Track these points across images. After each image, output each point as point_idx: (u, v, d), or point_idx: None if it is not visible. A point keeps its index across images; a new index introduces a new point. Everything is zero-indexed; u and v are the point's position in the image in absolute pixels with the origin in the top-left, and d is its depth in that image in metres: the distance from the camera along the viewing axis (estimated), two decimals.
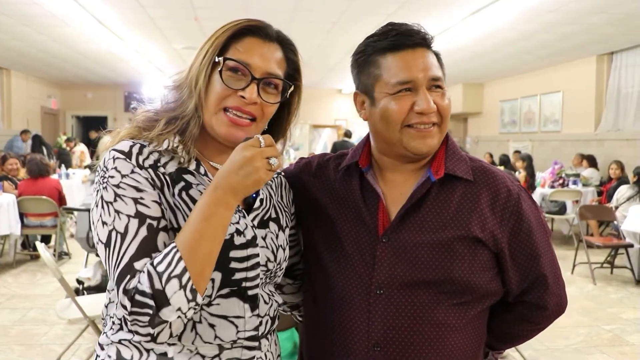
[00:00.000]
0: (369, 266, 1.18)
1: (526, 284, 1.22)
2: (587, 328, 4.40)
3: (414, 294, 1.15)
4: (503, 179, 1.22)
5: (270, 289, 1.19)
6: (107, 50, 9.65)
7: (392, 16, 6.99)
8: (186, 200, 1.06)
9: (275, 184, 1.28)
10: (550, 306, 1.25)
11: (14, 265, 6.21)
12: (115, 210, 0.99)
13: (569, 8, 6.53)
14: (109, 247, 0.97)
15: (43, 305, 4.76)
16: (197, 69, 1.09)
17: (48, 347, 3.87)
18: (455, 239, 1.16)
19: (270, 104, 1.12)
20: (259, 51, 1.11)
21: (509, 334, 1.31)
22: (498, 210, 1.19)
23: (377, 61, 1.19)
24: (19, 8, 6.84)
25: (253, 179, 0.97)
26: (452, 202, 1.19)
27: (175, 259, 0.93)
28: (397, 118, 1.16)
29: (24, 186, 6.28)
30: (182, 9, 6.72)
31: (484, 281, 1.18)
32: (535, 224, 1.22)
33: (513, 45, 8.90)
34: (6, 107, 12.02)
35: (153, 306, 0.91)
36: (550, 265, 1.23)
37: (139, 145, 1.06)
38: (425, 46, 1.19)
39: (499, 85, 13.24)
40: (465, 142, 15.49)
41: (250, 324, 1.09)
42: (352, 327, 1.18)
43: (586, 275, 5.95)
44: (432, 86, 1.17)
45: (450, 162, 1.22)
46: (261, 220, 1.16)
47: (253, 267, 1.09)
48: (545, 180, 8.22)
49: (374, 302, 1.16)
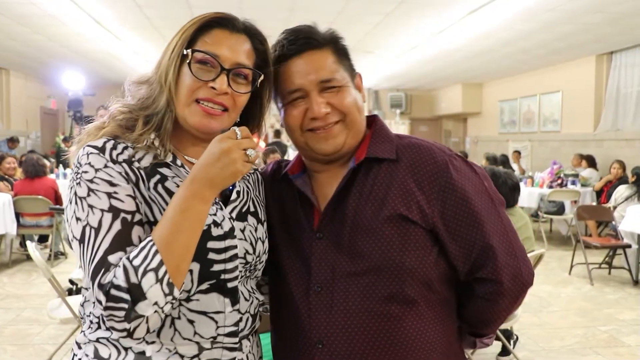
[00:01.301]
0: (307, 265, 1.19)
1: (472, 258, 1.15)
2: (583, 329, 4.37)
3: (352, 287, 1.13)
4: (429, 150, 1.18)
5: (251, 286, 1.19)
6: (104, 50, 9.64)
7: (389, 16, 6.97)
8: (162, 193, 1.06)
9: (253, 179, 1.28)
10: (505, 279, 1.14)
11: (9, 265, 6.20)
12: (88, 205, 0.98)
13: (566, 7, 6.50)
14: (83, 243, 0.97)
15: (37, 305, 4.75)
16: (166, 64, 1.10)
17: (41, 347, 3.86)
18: (384, 221, 1.13)
19: (241, 94, 1.12)
20: (227, 42, 1.11)
21: (477, 317, 1.23)
22: (425, 184, 1.14)
23: (277, 72, 1.21)
24: (15, 8, 6.83)
25: (230, 170, 0.97)
26: (377, 184, 1.17)
27: (152, 252, 0.93)
28: (294, 124, 1.20)
29: (20, 186, 6.28)
30: (179, 9, 6.72)
31: (423, 263, 1.13)
32: (472, 191, 1.15)
33: (511, 45, 8.88)
34: (5, 107, 12.02)
35: (129, 300, 0.91)
36: (497, 234, 1.15)
37: (113, 141, 1.06)
38: (312, 47, 1.19)
39: (498, 85, 13.22)
40: (465, 142, 15.47)
41: (230, 319, 1.09)
42: (296, 326, 1.19)
43: (584, 275, 5.93)
44: (324, 88, 1.18)
45: (373, 146, 1.20)
46: (239, 212, 1.16)
47: (231, 258, 1.09)
48: (543, 180, 8.19)
49: (313, 299, 1.16)
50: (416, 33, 8.14)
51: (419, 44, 8.90)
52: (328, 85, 1.17)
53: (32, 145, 12.61)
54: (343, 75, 1.20)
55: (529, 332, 4.22)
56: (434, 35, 8.23)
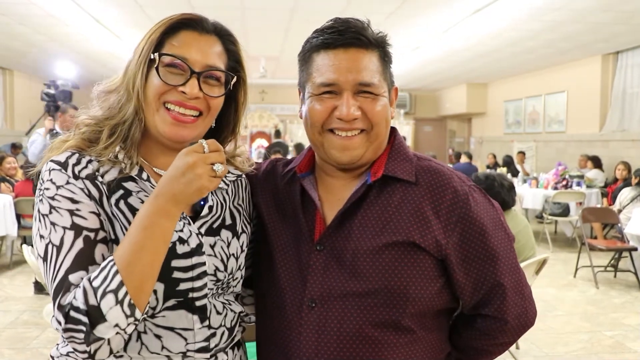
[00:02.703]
0: (303, 276, 1.11)
1: (481, 294, 1.12)
2: (588, 334, 4.31)
3: (347, 307, 1.07)
4: (450, 178, 1.12)
5: (226, 299, 1.13)
6: (106, 50, 9.63)
7: (392, 15, 6.92)
8: (123, 210, 1.01)
9: (234, 187, 1.21)
10: (511, 319, 1.13)
11: (10, 267, 6.18)
12: (51, 223, 0.95)
13: (573, 7, 6.43)
14: (46, 261, 0.94)
15: (37, 308, 4.71)
16: (133, 70, 1.05)
17: (38, 351, 3.82)
18: (392, 245, 1.07)
19: (214, 97, 1.07)
20: (196, 44, 1.06)
21: (473, 348, 1.20)
22: (443, 213, 1.09)
23: (311, 58, 1.13)
24: (17, 8, 6.81)
25: (195, 186, 0.92)
26: (391, 205, 1.10)
27: (112, 273, 0.88)
28: (317, 120, 1.11)
29: (20, 187, 6.26)
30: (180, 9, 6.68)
31: (427, 293, 1.08)
32: (490, 226, 1.11)
33: (516, 45, 8.81)
34: (9, 107, 12.02)
35: (87, 323, 0.87)
36: (509, 272, 1.12)
37: (77, 155, 1.02)
38: (361, 46, 1.10)
39: (503, 85, 13.14)
40: (470, 143, 15.40)
41: (201, 335, 1.05)
42: (287, 341, 1.12)
43: (589, 278, 5.85)
44: (360, 91, 1.09)
45: (391, 163, 1.14)
46: (210, 227, 1.10)
47: (199, 276, 1.04)
48: (548, 181, 8.12)
49: (306, 315, 1.09)
50: (420, 33, 8.09)
51: (423, 43, 8.84)
52: (365, 89, 1.09)
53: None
54: (382, 84, 1.12)
55: (533, 337, 4.15)
56: (439, 34, 8.17)
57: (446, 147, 16.50)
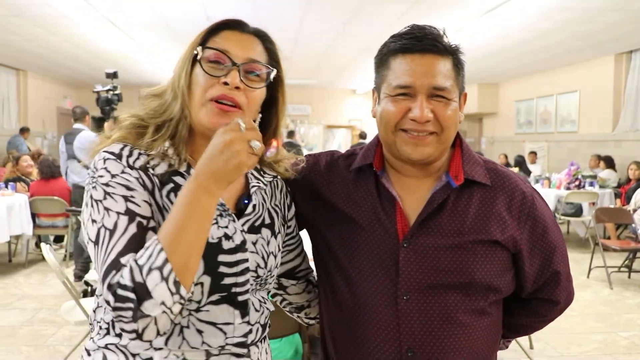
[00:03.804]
0: (392, 271, 1.18)
1: (541, 282, 1.26)
2: (603, 334, 4.29)
3: (439, 297, 1.16)
4: (517, 181, 1.25)
5: (262, 296, 1.17)
6: (119, 51, 9.70)
7: (404, 15, 6.91)
8: (174, 202, 1.03)
9: (271, 187, 1.25)
10: (562, 300, 1.30)
11: (25, 265, 6.25)
12: (104, 208, 0.98)
13: (585, 6, 6.40)
14: (98, 244, 0.96)
15: (53, 306, 4.77)
16: (179, 70, 1.10)
17: (55, 349, 3.87)
18: (476, 243, 1.17)
19: (254, 88, 1.10)
20: (237, 40, 1.10)
21: (519, 325, 1.35)
22: (515, 213, 1.21)
23: (388, 61, 1.19)
24: (31, 9, 6.88)
25: (234, 163, 0.95)
26: (471, 207, 1.20)
27: (156, 250, 0.91)
28: (391, 120, 1.17)
29: (35, 187, 6.34)
30: (195, 9, 6.73)
31: (504, 282, 1.21)
32: (550, 223, 1.25)
33: (528, 45, 8.77)
34: (23, 107, 12.14)
35: (134, 299, 0.89)
36: (563, 261, 1.27)
37: (129, 147, 1.06)
38: (437, 52, 1.16)
39: (515, 85, 13.08)
40: (481, 143, 15.34)
41: (240, 330, 1.08)
42: (381, 334, 1.18)
43: (602, 279, 5.82)
44: (434, 95, 1.15)
45: (468, 167, 1.23)
46: (252, 225, 1.14)
47: (242, 272, 1.08)
48: (561, 181, 8.07)
49: (402, 307, 1.16)
50: None
51: None
52: (439, 93, 1.15)
53: (48, 146, 12.72)
54: (454, 89, 1.18)
55: (546, 337, 4.15)
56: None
57: None
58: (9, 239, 5.88)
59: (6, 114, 11.46)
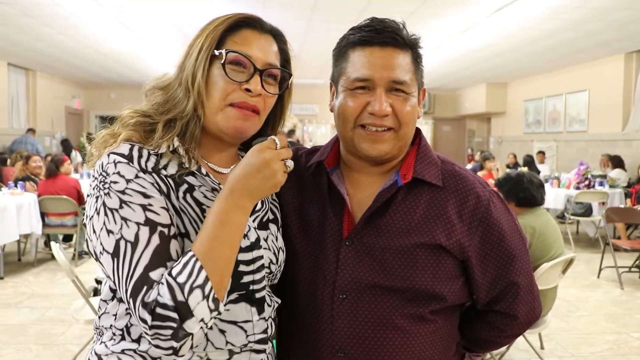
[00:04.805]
0: (332, 269, 1.15)
1: (496, 292, 1.20)
2: (614, 335, 4.25)
3: (377, 299, 1.12)
4: (473, 184, 1.18)
5: (269, 290, 1.16)
6: (127, 50, 9.73)
7: (412, 14, 6.90)
8: (191, 203, 1.03)
9: None
10: (521, 315, 1.22)
11: (35, 264, 6.28)
12: (121, 218, 0.94)
13: (594, 5, 6.36)
14: (118, 257, 0.93)
15: (62, 305, 4.78)
16: (193, 66, 1.05)
17: (65, 347, 3.88)
18: (419, 246, 1.12)
19: (272, 94, 1.09)
20: (257, 43, 1.08)
21: (480, 339, 1.29)
22: (466, 217, 1.15)
23: (347, 54, 1.16)
24: (42, 9, 6.91)
25: (272, 182, 0.96)
26: (419, 207, 1.15)
27: (196, 268, 0.90)
28: (349, 115, 1.14)
29: (43, 186, 6.34)
30: (204, 8, 6.74)
31: (450, 291, 1.15)
32: (508, 230, 1.18)
33: (536, 44, 8.73)
34: (32, 107, 12.21)
35: (177, 319, 0.87)
36: (523, 272, 1.20)
37: (138, 147, 1.02)
38: (396, 45, 1.13)
39: (523, 85, 13.02)
40: (489, 142, 15.28)
41: (259, 327, 1.08)
42: (317, 332, 1.15)
43: (613, 279, 5.77)
44: (393, 89, 1.13)
45: (419, 166, 1.18)
46: (261, 222, 1.13)
47: (259, 269, 1.07)
48: (570, 181, 8.02)
49: (337, 306, 1.13)
50: (440, 32, 8.05)
51: (443, 43, 8.79)
52: (398, 87, 1.13)
53: (57, 145, 12.78)
54: (414, 83, 1.16)
55: (557, 337, 4.12)
56: (458, 34, 8.12)
57: (465, 147, 16.40)
58: (18, 237, 5.90)
59: (15, 113, 11.53)
